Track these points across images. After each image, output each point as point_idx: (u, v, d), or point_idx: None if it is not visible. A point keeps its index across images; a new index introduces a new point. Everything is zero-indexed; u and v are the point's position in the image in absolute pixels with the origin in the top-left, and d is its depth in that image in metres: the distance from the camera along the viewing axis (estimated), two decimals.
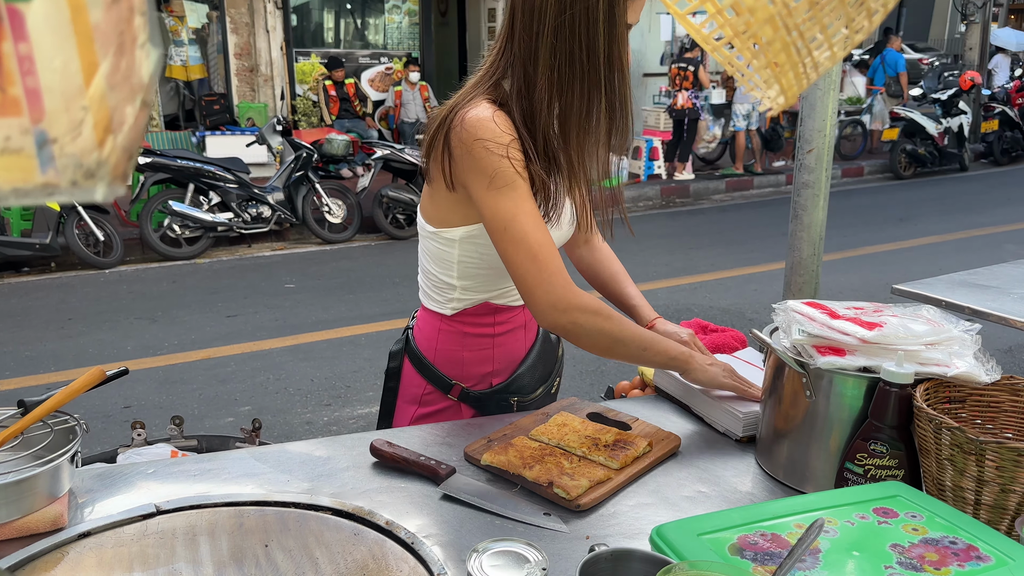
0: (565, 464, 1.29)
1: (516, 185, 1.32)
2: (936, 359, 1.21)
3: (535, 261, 1.31)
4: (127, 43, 0.39)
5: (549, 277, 1.31)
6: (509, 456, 1.31)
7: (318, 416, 4.11)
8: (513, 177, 1.31)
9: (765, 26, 0.50)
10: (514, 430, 1.45)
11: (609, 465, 1.30)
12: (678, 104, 10.13)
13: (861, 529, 1.00)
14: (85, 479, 1.28)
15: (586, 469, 1.28)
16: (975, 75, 12.13)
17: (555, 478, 1.24)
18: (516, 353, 1.61)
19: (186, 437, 2.03)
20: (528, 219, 1.32)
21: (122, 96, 0.40)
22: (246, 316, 5.69)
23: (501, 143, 1.31)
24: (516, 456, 1.31)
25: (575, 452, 1.34)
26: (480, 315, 1.55)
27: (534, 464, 1.28)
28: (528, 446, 1.35)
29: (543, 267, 1.31)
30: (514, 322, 1.59)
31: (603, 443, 1.36)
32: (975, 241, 7.68)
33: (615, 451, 1.33)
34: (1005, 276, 3.02)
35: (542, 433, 1.40)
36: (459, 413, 1.60)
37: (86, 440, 1.24)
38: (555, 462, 1.30)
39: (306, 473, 1.30)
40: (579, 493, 1.22)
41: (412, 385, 1.63)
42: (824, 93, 2.03)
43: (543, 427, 1.42)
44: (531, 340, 1.65)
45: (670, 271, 6.69)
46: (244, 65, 11.04)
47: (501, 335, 1.58)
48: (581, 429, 1.41)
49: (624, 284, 1.74)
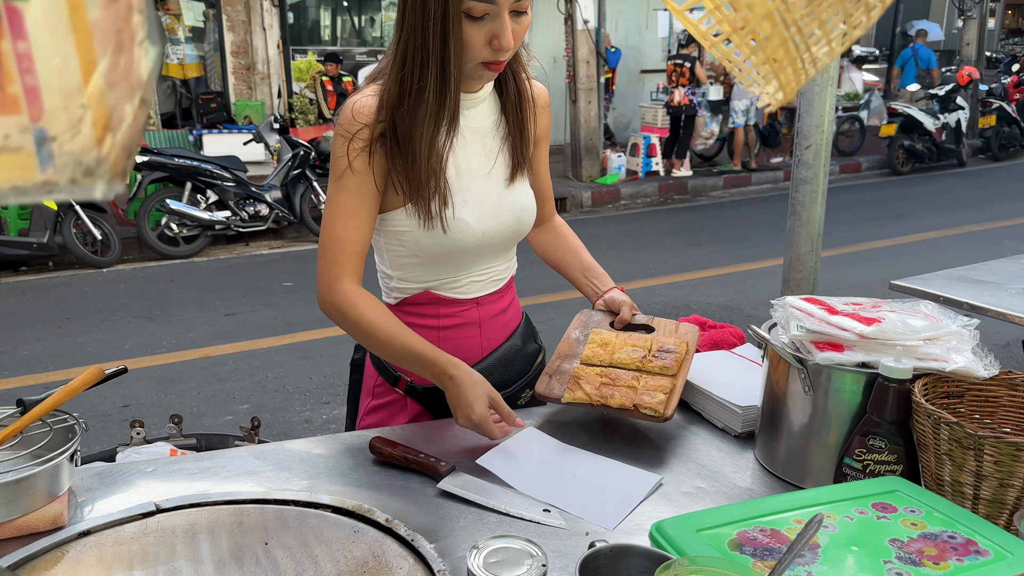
0: (634, 383, 1.41)
1: (343, 175, 1.38)
2: (934, 354, 1.22)
3: (321, 250, 1.41)
4: (126, 41, 0.39)
5: (323, 268, 1.40)
6: (585, 390, 1.40)
7: (317, 414, 4.11)
8: (343, 169, 1.38)
9: (763, 22, 0.50)
10: (561, 359, 1.55)
11: (665, 373, 1.44)
12: (675, 101, 10.13)
13: (860, 524, 1.01)
14: (84, 478, 1.28)
15: (651, 382, 1.41)
16: (972, 71, 12.13)
17: (637, 400, 1.36)
18: (467, 351, 1.54)
19: (185, 435, 2.04)
20: (332, 211, 1.40)
21: (121, 94, 0.40)
22: (244, 314, 5.69)
23: (348, 132, 1.37)
24: (591, 388, 1.40)
25: (631, 368, 1.47)
26: (422, 304, 1.52)
27: (611, 392, 1.39)
28: (590, 373, 1.47)
29: (322, 256, 1.40)
30: (464, 317, 1.54)
31: (650, 353, 1.49)
32: (973, 237, 7.69)
33: (665, 358, 1.46)
34: (1003, 272, 3.03)
35: (592, 356, 1.51)
36: (405, 408, 1.57)
37: (85, 439, 1.24)
38: (625, 384, 1.41)
39: (305, 471, 1.30)
40: (663, 407, 1.36)
41: (369, 376, 1.63)
42: (822, 89, 2.04)
43: (590, 350, 1.53)
44: (492, 344, 1.59)
45: (668, 268, 6.69)
46: (241, 63, 11.02)
47: (448, 328, 1.53)
48: (622, 344, 1.52)
49: (580, 256, 1.72)
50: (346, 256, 1.38)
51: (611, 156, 10.20)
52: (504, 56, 1.32)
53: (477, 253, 1.49)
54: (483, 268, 1.53)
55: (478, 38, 1.29)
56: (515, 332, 1.63)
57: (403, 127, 1.36)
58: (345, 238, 1.38)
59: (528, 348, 1.66)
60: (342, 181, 1.38)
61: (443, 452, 1.37)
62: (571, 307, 3.56)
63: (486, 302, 1.56)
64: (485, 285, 1.55)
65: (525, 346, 1.65)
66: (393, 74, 1.36)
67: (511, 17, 1.29)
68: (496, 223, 1.48)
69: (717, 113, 10.73)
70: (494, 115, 1.50)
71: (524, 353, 1.64)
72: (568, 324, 1.66)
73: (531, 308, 1.78)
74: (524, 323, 1.68)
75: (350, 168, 1.37)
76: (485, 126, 1.48)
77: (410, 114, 1.35)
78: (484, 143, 1.48)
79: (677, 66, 10.14)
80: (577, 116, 9.94)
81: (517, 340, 1.63)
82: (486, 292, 1.56)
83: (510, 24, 1.29)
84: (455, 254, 1.46)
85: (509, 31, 1.28)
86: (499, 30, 1.28)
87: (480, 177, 1.46)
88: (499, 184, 1.49)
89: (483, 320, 1.56)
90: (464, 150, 1.45)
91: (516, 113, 1.50)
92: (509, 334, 1.62)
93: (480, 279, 1.53)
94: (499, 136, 1.50)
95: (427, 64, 1.31)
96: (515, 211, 1.50)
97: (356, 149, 1.37)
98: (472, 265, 1.51)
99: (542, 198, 1.68)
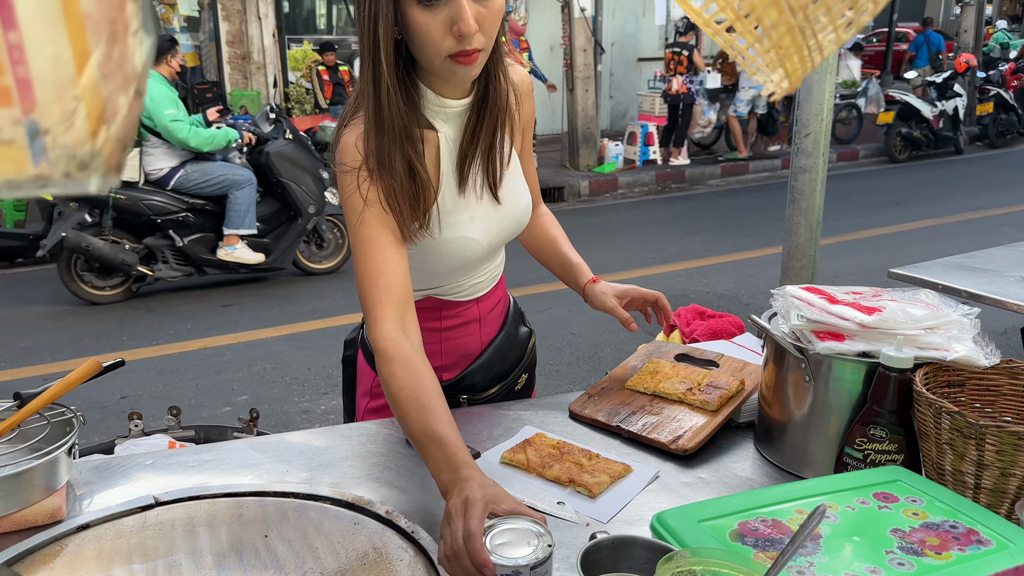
0: (583, 462, 1.30)
1: (361, 212, 1.27)
2: (935, 343, 1.21)
3: (359, 292, 1.28)
4: (119, 31, 0.39)
5: (364, 311, 1.27)
6: (527, 455, 1.32)
7: (315, 404, 4.11)
8: (358, 205, 1.27)
9: (770, 8, 0.49)
10: (611, 382, 1.55)
11: (705, 407, 1.40)
12: (673, 89, 10.10)
13: (861, 514, 1.00)
14: (83, 471, 1.27)
15: (600, 464, 1.29)
16: (970, 57, 12.10)
17: (576, 477, 1.25)
18: (468, 348, 1.54)
19: (183, 427, 2.03)
20: (357, 249, 1.28)
21: (115, 85, 0.39)
22: (242, 305, 5.68)
23: (350, 166, 1.27)
24: (534, 455, 1.32)
25: (673, 399, 1.45)
26: (425, 309, 1.45)
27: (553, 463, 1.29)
28: (627, 399, 1.48)
29: (361, 299, 1.27)
30: (465, 316, 1.52)
31: (697, 386, 1.46)
32: (971, 224, 7.69)
33: (709, 393, 1.43)
34: (1001, 259, 3.03)
35: (638, 383, 1.51)
36: None
37: (83, 431, 1.23)
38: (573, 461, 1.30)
39: (305, 463, 1.30)
40: (684, 440, 1.34)
41: (364, 376, 1.59)
42: (821, 77, 2.03)
43: (638, 377, 1.53)
44: (489, 336, 1.57)
45: (666, 257, 6.68)
46: (236, 53, 10.97)
47: (449, 329, 1.52)
48: (673, 375, 1.51)
49: (562, 246, 1.66)
50: (380, 294, 1.25)
51: (608, 145, 10.17)
52: (470, 44, 1.17)
53: (479, 261, 1.46)
54: (483, 270, 1.52)
55: (436, 27, 1.15)
56: (507, 320, 1.62)
57: (381, 142, 1.25)
58: (376, 272, 1.26)
59: (520, 333, 1.65)
60: (360, 217, 1.27)
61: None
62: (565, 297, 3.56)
63: (484, 299, 1.55)
64: (485, 284, 1.54)
65: (518, 332, 1.64)
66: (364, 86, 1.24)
67: (474, 1, 1.16)
68: (500, 230, 1.43)
69: (715, 101, 10.70)
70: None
71: (518, 340, 1.64)
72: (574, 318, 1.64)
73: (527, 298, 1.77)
74: (513, 308, 1.66)
75: (364, 201, 1.26)
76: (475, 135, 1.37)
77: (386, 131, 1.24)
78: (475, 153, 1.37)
79: (675, 54, 10.10)
80: (574, 105, 9.91)
81: (511, 328, 1.62)
82: (486, 291, 1.55)
83: (470, 6, 1.14)
84: (458, 265, 1.42)
85: (468, 13, 1.14)
86: (457, 14, 1.14)
87: (477, 190, 1.38)
88: (500, 195, 1.41)
89: (482, 316, 1.55)
90: (452, 168, 1.36)
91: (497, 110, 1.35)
92: (502, 324, 1.61)
93: (480, 280, 1.52)
94: (487, 141, 1.37)
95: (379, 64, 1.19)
96: (515, 217, 1.45)
97: (364, 180, 1.26)
98: (475, 270, 1.49)
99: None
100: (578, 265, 1.64)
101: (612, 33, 12.20)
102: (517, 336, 1.63)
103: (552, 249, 1.67)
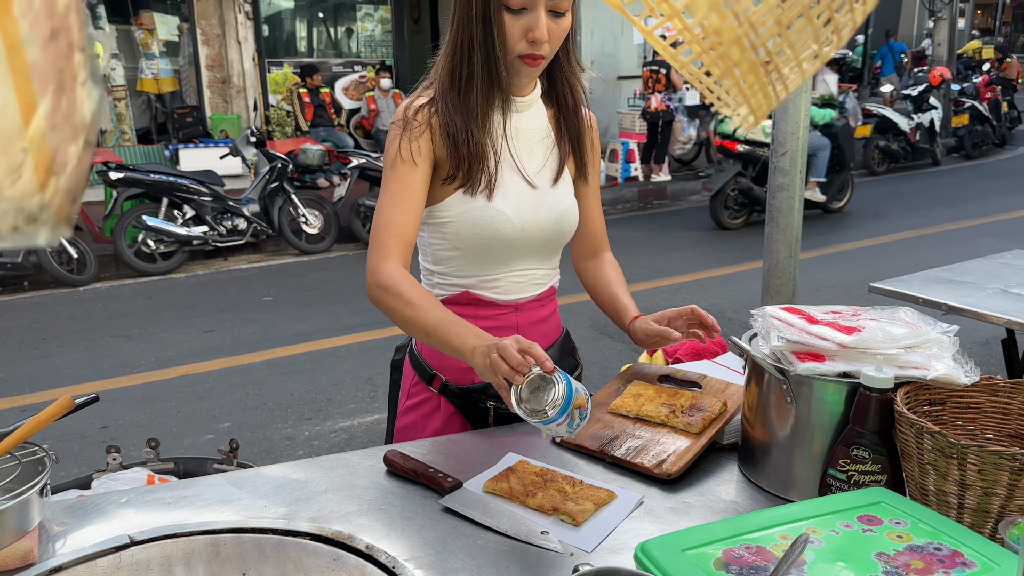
0: (567, 489, 1.29)
1: (394, 164, 1.46)
2: (915, 362, 1.21)
3: (371, 237, 1.46)
4: (67, 81, 0.38)
5: (371, 252, 1.45)
6: (511, 483, 1.30)
7: (299, 431, 4.07)
8: (393, 157, 1.46)
9: (732, 47, 0.48)
10: (593, 406, 1.51)
11: (689, 430, 1.40)
12: (652, 107, 10.16)
13: (846, 538, 1.00)
14: (56, 511, 1.24)
15: (585, 491, 1.28)
16: (944, 71, 12.26)
17: (560, 505, 1.24)
18: None
19: (162, 460, 2.00)
20: (382, 197, 1.47)
21: (64, 136, 0.38)
22: (224, 331, 5.63)
23: (401, 123, 1.47)
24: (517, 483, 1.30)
25: (656, 421, 1.44)
26: (461, 304, 1.55)
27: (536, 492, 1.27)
28: (611, 423, 1.47)
29: (373, 239, 1.45)
30: (501, 320, 1.56)
31: (680, 409, 1.45)
32: (951, 235, 7.76)
33: (692, 415, 1.42)
34: (980, 271, 3.05)
35: (621, 406, 1.50)
36: (439, 408, 1.59)
37: (62, 464, 1.21)
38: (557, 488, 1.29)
39: (283, 497, 1.28)
40: (668, 464, 1.33)
41: (407, 376, 1.66)
42: (796, 96, 2.04)
43: (620, 400, 1.51)
44: None
45: (649, 273, 6.70)
46: (216, 77, 10.95)
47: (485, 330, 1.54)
48: (656, 397, 1.50)
49: (615, 288, 1.70)
50: (392, 238, 1.43)
51: None
52: (539, 50, 1.40)
53: (515, 250, 1.52)
54: (522, 268, 1.56)
55: (515, 29, 1.39)
56: (554, 344, 1.66)
57: (456, 109, 1.45)
58: (392, 221, 1.44)
59: (566, 363, 1.66)
60: (392, 170, 1.46)
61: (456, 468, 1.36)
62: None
63: (525, 308, 1.59)
64: (524, 287, 1.58)
65: (563, 359, 1.65)
66: (445, 63, 1.47)
67: (549, 16, 1.39)
68: (535, 220, 1.52)
69: (694, 118, 10.77)
70: (542, 122, 1.57)
71: (561, 366, 1.63)
72: None
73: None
74: (564, 337, 1.71)
75: (399, 155, 1.45)
76: (532, 129, 1.55)
77: (463, 97, 1.46)
78: (531, 145, 1.54)
79: (653, 72, 10.17)
80: None
81: (555, 352, 1.64)
82: (525, 296, 1.58)
83: (546, 21, 1.38)
84: (494, 246, 1.50)
85: (543, 24, 1.37)
86: (534, 23, 1.38)
87: (522, 176, 1.52)
88: (541, 186, 1.54)
89: (521, 326, 1.58)
90: (509, 147, 1.51)
91: (573, 121, 1.58)
92: (547, 345, 1.63)
93: (519, 280, 1.57)
94: (547, 142, 1.57)
95: (473, 50, 1.42)
96: (556, 211, 1.55)
97: (407, 138, 1.45)
98: (511, 262, 1.54)
99: (593, 236, 1.72)
100: (625, 306, 1.67)
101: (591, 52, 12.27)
102: (560, 362, 1.63)
103: (606, 291, 1.72)
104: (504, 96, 1.48)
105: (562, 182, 1.57)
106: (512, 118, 1.52)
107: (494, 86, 1.45)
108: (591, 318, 5.38)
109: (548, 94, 1.58)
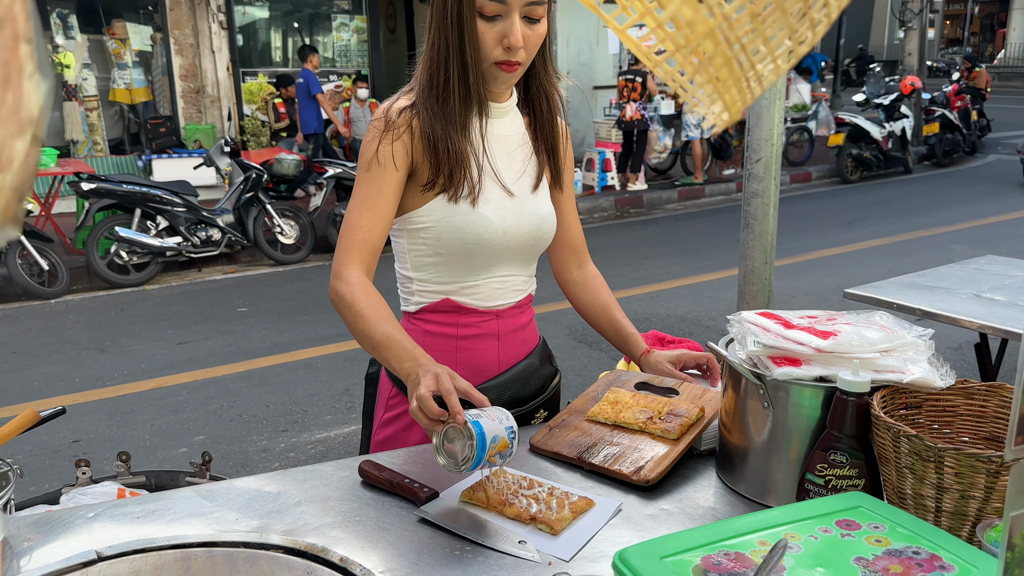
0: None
1: (369, 167, 1.46)
2: (891, 366, 1.21)
3: (340, 235, 1.47)
4: (13, 74, 0.36)
5: (337, 253, 1.45)
6: (487, 493, 1.28)
7: (275, 443, 4.02)
8: (369, 160, 1.46)
9: (705, 40, 0.48)
10: (571, 413, 1.53)
11: (666, 436, 1.39)
12: (627, 116, 10.21)
13: (825, 543, 0.99)
14: (21, 527, 1.21)
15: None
16: (915, 80, 12.43)
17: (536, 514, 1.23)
18: (484, 364, 1.57)
19: (133, 473, 1.96)
20: (355, 199, 1.47)
21: (10, 131, 0.36)
22: (198, 342, 5.56)
23: (378, 126, 1.47)
24: (493, 492, 1.28)
25: (633, 428, 1.43)
26: (441, 312, 1.55)
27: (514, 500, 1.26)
28: (588, 430, 1.46)
29: (339, 242, 1.46)
30: (482, 328, 1.56)
31: (657, 415, 1.44)
32: (923, 242, 7.85)
33: (670, 422, 1.41)
34: (953, 277, 3.08)
35: (598, 414, 1.49)
36: None
37: (32, 479, 1.18)
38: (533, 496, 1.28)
39: (256, 510, 1.25)
40: (646, 471, 1.32)
41: (384, 389, 1.63)
42: (770, 103, 2.05)
43: (598, 407, 1.50)
44: (510, 360, 1.60)
45: (627, 281, 6.71)
46: (190, 87, 10.87)
47: (465, 339, 1.55)
48: (634, 404, 1.49)
49: (615, 313, 1.73)
50: (357, 243, 1.44)
51: None
52: (515, 56, 1.40)
53: (496, 255, 1.52)
54: (503, 274, 1.56)
55: (490, 36, 1.39)
56: (533, 351, 1.66)
57: (436, 116, 1.45)
58: (359, 225, 1.44)
59: (545, 369, 1.67)
60: (366, 172, 1.46)
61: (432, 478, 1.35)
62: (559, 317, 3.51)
63: (506, 315, 1.58)
64: (504, 293, 1.57)
65: (542, 366, 1.66)
66: (423, 70, 1.47)
67: (524, 23, 1.39)
68: (516, 225, 1.52)
69: (669, 127, 10.83)
70: (519, 129, 1.57)
71: (541, 373, 1.67)
72: None
73: None
74: (541, 345, 1.71)
75: (376, 159, 1.45)
76: (509, 136, 1.55)
77: (442, 104, 1.46)
78: (509, 152, 1.54)
79: (628, 81, 10.22)
80: None
81: (535, 359, 1.65)
82: (505, 303, 1.58)
83: (521, 26, 1.38)
84: (476, 251, 1.49)
85: (518, 30, 1.37)
86: (508, 29, 1.38)
87: (501, 182, 1.51)
88: (520, 192, 1.54)
89: (502, 333, 1.58)
90: (488, 154, 1.51)
91: (548, 129, 1.58)
92: (527, 352, 1.64)
93: (499, 286, 1.56)
94: (524, 150, 1.57)
95: (450, 57, 1.42)
96: (535, 217, 1.55)
97: (387, 139, 1.45)
98: (491, 268, 1.54)
99: (572, 245, 1.74)
100: (632, 335, 1.70)
101: (567, 62, 12.32)
102: (540, 369, 1.67)
103: (606, 316, 1.73)
104: (480, 102, 1.47)
105: (541, 189, 1.58)
106: (489, 124, 1.51)
107: (471, 92, 1.45)
108: (569, 326, 5.38)
109: (524, 102, 1.58)
